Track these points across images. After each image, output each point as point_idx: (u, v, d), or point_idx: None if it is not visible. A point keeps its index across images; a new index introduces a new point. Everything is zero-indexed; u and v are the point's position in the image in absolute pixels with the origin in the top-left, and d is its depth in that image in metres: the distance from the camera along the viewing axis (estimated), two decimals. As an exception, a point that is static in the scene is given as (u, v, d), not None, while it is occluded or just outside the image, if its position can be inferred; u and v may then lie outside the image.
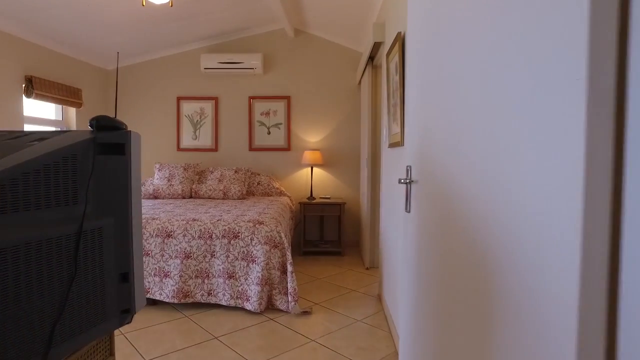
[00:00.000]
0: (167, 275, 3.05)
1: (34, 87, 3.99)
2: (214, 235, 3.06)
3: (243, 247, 3.04)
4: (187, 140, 5.40)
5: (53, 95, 4.24)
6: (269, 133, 5.33)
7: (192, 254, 3.04)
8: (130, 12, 3.98)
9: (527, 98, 0.68)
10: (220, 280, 3.04)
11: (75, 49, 4.61)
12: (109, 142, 1.23)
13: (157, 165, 4.91)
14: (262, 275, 2.97)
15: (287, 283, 3.05)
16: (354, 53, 5.21)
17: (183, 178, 4.73)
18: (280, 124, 5.32)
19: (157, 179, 4.77)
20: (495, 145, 0.79)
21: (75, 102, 4.63)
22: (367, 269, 4.24)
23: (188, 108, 5.38)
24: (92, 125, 1.22)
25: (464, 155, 0.97)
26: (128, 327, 2.80)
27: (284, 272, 3.07)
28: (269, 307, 3.07)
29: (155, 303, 3.20)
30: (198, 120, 5.38)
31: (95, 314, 1.13)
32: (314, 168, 5.28)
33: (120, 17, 4.06)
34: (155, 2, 3.09)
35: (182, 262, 3.03)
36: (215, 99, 5.34)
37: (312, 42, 5.25)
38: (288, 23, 4.72)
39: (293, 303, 2.97)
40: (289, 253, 3.07)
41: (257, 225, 3.11)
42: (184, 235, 3.06)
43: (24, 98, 4.01)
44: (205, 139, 5.38)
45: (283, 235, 3.11)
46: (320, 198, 5.09)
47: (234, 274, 3.04)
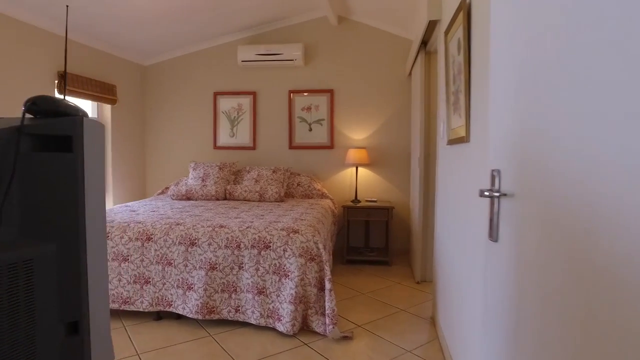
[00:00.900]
0: (190, 288, 2.72)
1: (66, 83, 3.82)
2: (242, 245, 2.69)
3: (275, 259, 2.66)
4: (224, 138, 5.11)
5: (86, 92, 4.06)
6: (311, 130, 4.94)
7: (218, 265, 2.70)
8: (165, 3, 3.71)
9: None
10: (249, 296, 2.67)
11: (109, 44, 4.44)
12: (48, 133, 0.86)
13: (191, 165, 4.65)
14: (296, 293, 2.57)
15: (324, 302, 2.63)
16: (403, 41, 4.70)
17: (218, 178, 4.43)
18: (323, 120, 4.91)
19: (191, 179, 4.51)
20: None
21: (110, 98, 4.46)
22: (417, 283, 3.73)
23: (225, 104, 5.10)
24: (28, 110, 0.85)
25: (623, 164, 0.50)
26: (144, 345, 2.49)
27: (322, 289, 2.65)
28: (304, 328, 2.67)
29: (180, 317, 2.89)
30: (235, 117, 5.08)
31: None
32: (359, 168, 4.82)
33: (155, 8, 3.81)
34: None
35: (206, 273, 2.69)
36: (254, 94, 5.01)
37: (356, 30, 4.80)
38: (330, 10, 4.30)
39: (331, 326, 2.55)
40: (328, 267, 2.65)
41: (291, 235, 2.71)
42: (209, 244, 2.72)
43: (57, 95, 3.85)
44: (243, 137, 5.07)
45: (321, 247, 2.68)
46: (366, 201, 4.62)
47: (265, 290, 2.66)
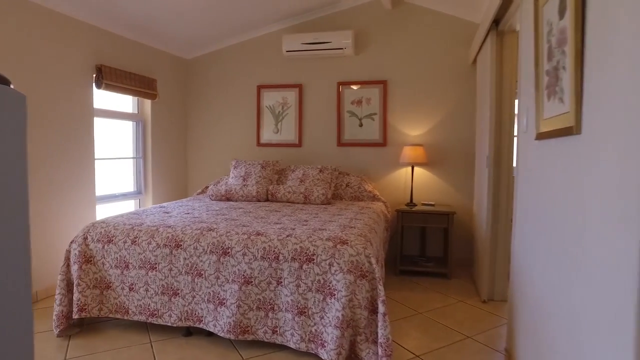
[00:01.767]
0: (222, 303, 2.38)
1: (104, 76, 3.64)
2: (282, 257, 2.32)
3: (319, 274, 2.26)
4: (267, 135, 4.79)
5: (123, 86, 3.87)
6: (361, 125, 4.50)
7: (253, 279, 2.34)
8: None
9: None
10: (289, 316, 2.29)
11: (149, 36, 4.24)
12: None
13: (233, 162, 4.37)
14: (343, 315, 2.16)
15: (376, 328, 2.20)
16: (467, 25, 4.14)
17: (260, 177, 4.11)
18: (375, 115, 4.46)
19: (231, 178, 4.22)
20: None
21: (149, 93, 4.26)
22: (484, 302, 3.20)
23: (269, 98, 4.77)
24: None
25: None
26: (171, 370, 2.18)
27: (374, 312, 2.22)
28: (351, 357, 2.24)
29: (211, 334, 2.57)
30: (280, 112, 4.74)
31: None
32: (415, 168, 4.32)
33: (191, -8, 3.54)
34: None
35: (240, 288, 2.34)
36: (299, 87, 4.65)
37: (413, 13, 4.30)
38: (385, -11, 3.84)
39: (385, 358, 2.11)
40: (382, 287, 2.21)
41: (338, 246, 2.29)
42: (244, 255, 2.36)
43: (94, 89, 3.68)
44: (288, 133, 4.72)
45: (374, 261, 2.25)
46: (423, 204, 4.12)
47: (306, 310, 2.27)
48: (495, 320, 2.87)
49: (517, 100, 2.60)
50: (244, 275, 2.34)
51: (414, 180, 4.34)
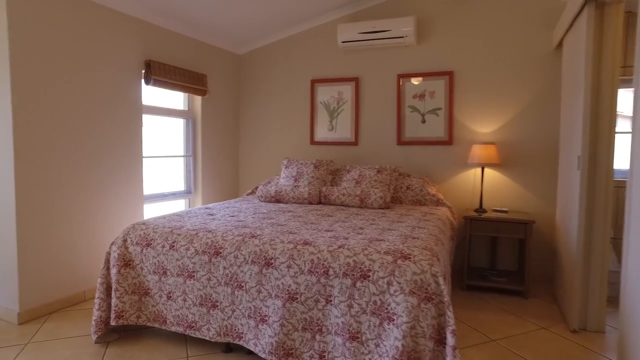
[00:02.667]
0: (264, 321, 2.10)
1: (152, 72, 3.52)
2: (332, 271, 1.99)
3: (375, 294, 1.91)
4: (322, 132, 4.50)
5: (173, 82, 3.74)
6: (424, 121, 4.07)
7: (298, 296, 2.03)
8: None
9: None
10: (339, 340, 1.96)
11: (200, 31, 4.09)
12: None
13: (284, 162, 4.11)
14: (402, 346, 1.79)
15: (445, 364, 1.81)
16: (549, 3, 3.58)
17: (312, 178, 3.81)
18: (439, 110, 4.01)
19: (282, 178, 3.96)
20: None
21: (199, 89, 4.11)
22: (574, 332, 2.67)
23: (324, 93, 4.47)
24: None
25: None
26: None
27: (440, 342, 1.84)
28: (414, 395, 1.87)
29: (251, 353, 2.30)
30: (335, 108, 4.42)
31: None
32: (486, 169, 3.83)
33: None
34: None
35: (284, 305, 2.04)
36: (356, 80, 4.30)
37: (487, -6, 3.81)
38: (454, -33, 3.39)
39: (455, 403, 1.72)
40: (451, 313, 1.82)
41: (399, 261, 1.93)
42: (289, 267, 2.06)
43: (143, 85, 3.57)
44: (343, 130, 4.39)
45: (442, 282, 1.86)
46: (494, 211, 3.63)
47: (359, 335, 1.92)
48: (592, 358, 2.35)
49: (621, 90, 2.08)
50: (289, 291, 2.04)
51: (484, 184, 3.84)
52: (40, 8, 2.79)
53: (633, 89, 1.91)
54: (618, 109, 2.66)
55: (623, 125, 3.56)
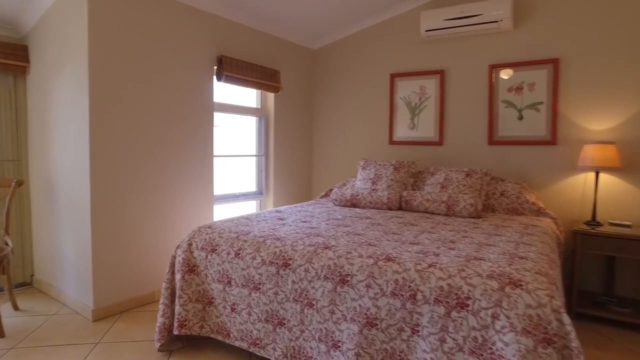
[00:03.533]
0: (336, 346, 1.81)
1: (224, 68, 3.39)
2: (420, 296, 1.64)
3: (476, 329, 1.52)
4: (402, 131, 4.12)
5: (245, 77, 3.59)
6: (521, 118, 3.53)
7: (379, 322, 1.70)
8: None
9: None
10: (427, 381, 1.61)
11: (273, 25, 3.91)
12: None
13: (360, 163, 3.80)
14: (514, 399, 1.39)
15: None
16: (698, -31, 2.89)
17: (392, 181, 3.46)
18: (540, 104, 3.45)
19: (359, 180, 3.65)
20: None
21: (272, 85, 3.93)
22: None
23: (404, 88, 4.09)
24: None
25: None
26: None
27: (566, 399, 1.41)
28: None
29: (324, 381, 2.02)
30: (417, 104, 4.02)
31: None
32: (601, 173, 3.21)
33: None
34: None
35: (361, 330, 1.73)
36: (441, 73, 3.87)
37: (606, -35, 3.19)
38: None
39: None
40: (582, 363, 1.38)
41: (507, 289, 1.53)
42: (368, 287, 1.75)
43: (214, 81, 3.46)
44: (426, 129, 3.98)
45: (566, 320, 1.43)
46: (612, 225, 3.01)
47: (455, 378, 1.55)
48: None
49: None
50: (367, 315, 1.72)
51: (599, 191, 3.22)
52: (118, 7, 2.75)
53: None
54: None
55: None
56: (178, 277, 2.30)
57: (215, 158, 3.56)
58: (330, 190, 4.00)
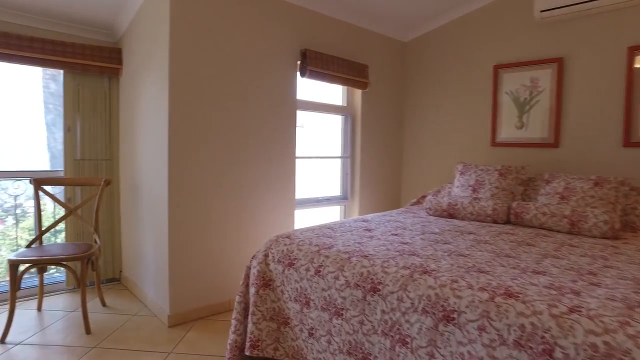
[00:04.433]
0: (438, 402, 1.43)
1: (308, 62, 3.15)
2: (561, 353, 1.20)
3: (650, 411, 1.05)
4: (507, 131, 3.56)
5: (330, 73, 3.32)
6: (671, 114, 2.82)
7: (496, 378, 1.30)
8: None
9: None
10: None
11: (360, 15, 3.58)
12: None
13: (458, 167, 3.33)
14: None
15: None
16: None
17: (497, 189, 2.95)
18: (700, 96, 2.71)
19: (456, 187, 3.19)
20: None
21: (359, 81, 3.61)
22: None
23: (511, 81, 3.53)
24: None
25: None
26: None
27: None
28: None
29: None
30: (527, 99, 3.44)
31: None
32: None
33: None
34: None
35: (472, 387, 1.33)
36: (558, 61, 3.25)
37: None
38: None
39: None
40: None
41: (703, 358, 1.04)
42: (482, 330, 1.34)
43: (298, 77, 3.23)
44: (537, 128, 3.39)
45: None
46: None
47: None
48: None
49: None
50: (481, 367, 1.32)
51: None
52: (199, 4, 2.63)
53: None
54: None
55: None
56: (252, 291, 2.07)
57: (298, 160, 3.33)
58: (423, 198, 3.58)
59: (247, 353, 2.02)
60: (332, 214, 3.87)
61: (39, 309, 2.89)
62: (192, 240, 2.71)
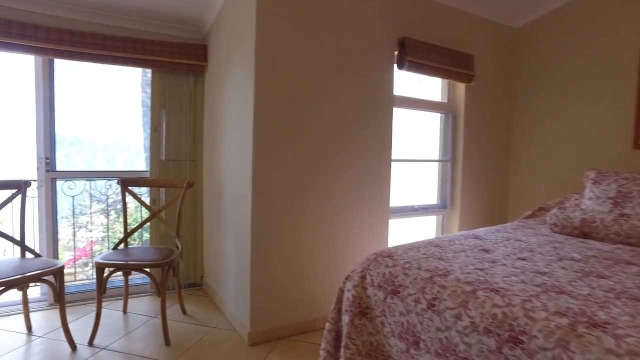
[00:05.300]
0: None
1: (407, 53, 2.76)
2: None
3: None
4: (655, 130, 2.86)
5: (432, 64, 2.90)
6: None
7: None
8: None
9: None
10: None
11: (472, -5, 3.11)
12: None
13: (590, 174, 2.72)
14: None
15: None
16: None
17: (648, 202, 2.32)
18: None
19: (588, 199, 2.59)
20: None
21: (464, 74, 3.14)
22: None
23: (665, 67, 2.83)
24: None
25: None
26: None
27: None
28: None
29: None
30: (687, 90, 2.73)
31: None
32: None
33: None
34: None
35: None
36: None
37: None
38: None
39: None
40: None
41: None
42: None
43: (395, 70, 2.85)
44: (702, 127, 2.66)
45: None
46: None
47: None
48: None
49: None
50: None
51: None
52: (289, -18, 2.38)
53: None
54: None
55: None
56: (346, 319, 1.74)
57: (393, 163, 2.95)
58: (541, 210, 3.01)
59: (338, 394, 1.69)
60: (427, 225, 3.44)
61: (124, 311, 2.85)
62: (276, 251, 2.46)
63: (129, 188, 2.84)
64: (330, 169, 2.60)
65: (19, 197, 2.52)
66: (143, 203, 2.91)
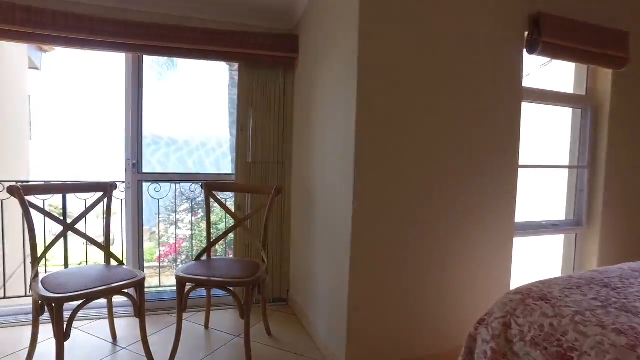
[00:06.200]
0: None
1: (542, 32, 2.20)
2: None
3: None
4: None
5: (574, 45, 2.30)
6: None
7: None
8: None
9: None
10: None
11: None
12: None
13: None
14: None
15: None
16: None
17: None
18: None
19: None
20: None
21: (613, 56, 2.47)
22: None
23: None
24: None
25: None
26: None
27: None
28: None
29: None
30: None
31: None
32: None
33: None
34: None
35: None
36: None
37: None
38: None
39: None
40: None
41: None
42: None
43: (525, 55, 2.30)
44: None
45: None
46: None
47: None
48: None
49: None
50: None
51: None
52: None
53: None
54: None
55: None
56: (482, 382, 1.29)
57: (520, 169, 2.39)
58: None
59: None
60: (549, 245, 2.82)
61: (206, 326, 2.64)
62: (381, 276, 2.04)
63: (214, 193, 2.63)
64: (447, 179, 2.13)
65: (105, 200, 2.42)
66: (227, 210, 2.68)
